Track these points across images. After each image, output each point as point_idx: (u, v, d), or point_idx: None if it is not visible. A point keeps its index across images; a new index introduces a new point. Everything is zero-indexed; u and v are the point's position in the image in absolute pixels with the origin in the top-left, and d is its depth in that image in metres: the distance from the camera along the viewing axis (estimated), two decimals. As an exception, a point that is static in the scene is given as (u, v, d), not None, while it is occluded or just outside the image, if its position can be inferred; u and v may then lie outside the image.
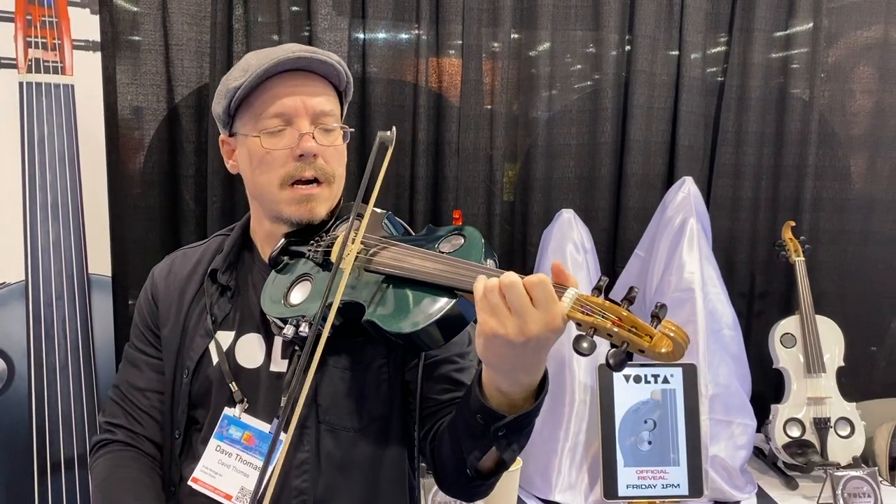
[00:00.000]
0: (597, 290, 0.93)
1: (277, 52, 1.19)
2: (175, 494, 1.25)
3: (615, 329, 0.88)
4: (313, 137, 1.19)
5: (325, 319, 1.07)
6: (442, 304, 1.01)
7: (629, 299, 0.91)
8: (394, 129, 1.15)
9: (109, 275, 1.99)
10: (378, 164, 1.11)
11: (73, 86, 1.89)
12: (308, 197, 1.21)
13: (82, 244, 1.93)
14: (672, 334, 0.87)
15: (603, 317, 0.89)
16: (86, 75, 1.92)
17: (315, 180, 1.21)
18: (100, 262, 1.97)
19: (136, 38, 2.16)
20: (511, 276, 0.92)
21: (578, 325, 0.91)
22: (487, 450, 1.07)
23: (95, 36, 1.93)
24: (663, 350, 0.87)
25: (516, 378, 0.99)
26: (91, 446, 1.31)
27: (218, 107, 1.25)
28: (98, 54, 1.95)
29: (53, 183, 1.88)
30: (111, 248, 2.03)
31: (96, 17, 1.94)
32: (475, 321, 0.97)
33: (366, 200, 1.13)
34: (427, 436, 1.22)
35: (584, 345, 0.88)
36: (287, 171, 1.19)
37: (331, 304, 1.10)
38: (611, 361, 0.88)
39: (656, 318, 0.90)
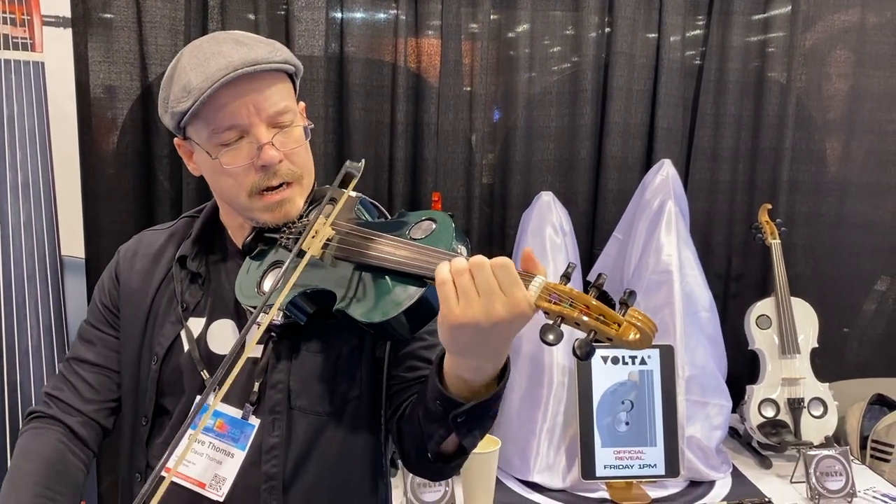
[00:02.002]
0: (564, 277, 0.92)
1: (217, 67, 1.09)
2: (141, 482, 1.22)
3: (583, 318, 0.87)
4: (273, 145, 1.12)
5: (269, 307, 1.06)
6: (411, 293, 0.99)
7: (597, 287, 0.90)
8: (363, 161, 1.15)
9: (83, 256, 1.96)
10: (341, 189, 1.12)
11: (43, 63, 1.85)
12: (281, 202, 1.16)
13: (54, 225, 1.90)
14: (639, 323, 0.86)
15: (571, 305, 0.88)
16: (56, 52, 1.88)
17: (284, 183, 1.16)
18: (73, 243, 1.94)
19: (109, 14, 2.11)
20: (480, 258, 0.91)
21: (546, 313, 0.90)
22: (448, 435, 1.06)
23: (66, 12, 1.89)
24: (631, 338, 0.86)
25: (479, 365, 0.98)
26: (24, 415, 1.28)
27: (164, 118, 1.18)
28: (69, 31, 1.90)
29: (24, 163, 1.84)
30: (84, 230, 2.00)
31: (67, -8, 1.89)
32: None
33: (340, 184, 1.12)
34: (395, 415, 1.21)
35: (550, 336, 0.87)
36: (253, 183, 1.14)
37: (305, 290, 1.09)
38: (578, 352, 0.86)
39: (624, 304, 0.88)
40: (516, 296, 0.89)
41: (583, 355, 0.86)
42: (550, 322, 0.88)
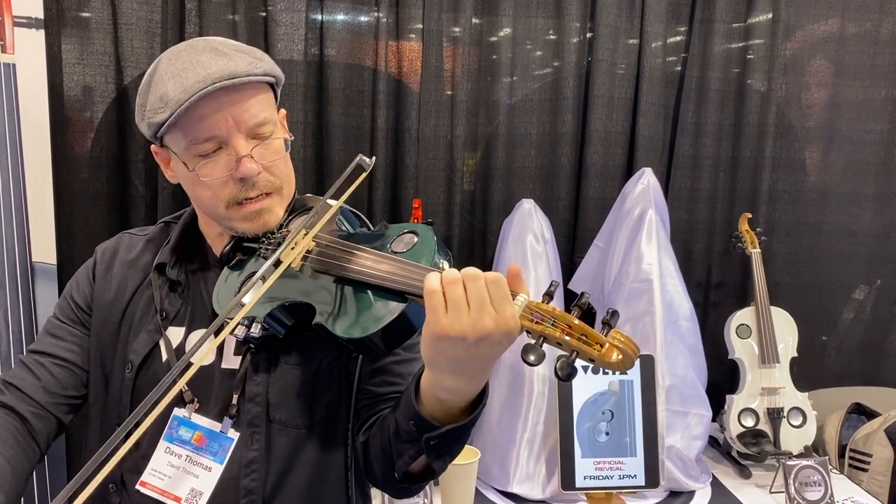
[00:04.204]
0: (547, 296, 0.90)
1: (195, 79, 1.06)
2: (116, 493, 1.20)
3: (565, 338, 0.86)
4: (252, 157, 1.10)
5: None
6: (392, 309, 0.98)
7: (580, 306, 0.89)
8: (374, 158, 1.14)
9: (54, 262, 1.92)
10: (348, 183, 1.09)
11: (14, 65, 1.81)
12: (259, 212, 1.15)
13: (25, 231, 1.86)
14: (621, 345, 0.85)
15: (553, 325, 0.87)
16: (29, 54, 1.84)
17: (262, 193, 1.14)
18: (44, 249, 1.90)
19: (83, 15, 2.07)
20: (473, 270, 0.89)
21: (528, 333, 0.89)
22: (417, 456, 1.04)
23: (38, 13, 1.86)
24: (613, 359, 0.85)
25: (458, 385, 0.96)
26: None
27: (141, 126, 1.16)
28: (41, 32, 1.87)
29: (-6, 166, 1.80)
30: (56, 235, 1.96)
31: (39, -7, 1.86)
32: None
33: (333, 197, 1.10)
34: (361, 429, 1.20)
35: (532, 357, 0.85)
36: (231, 194, 1.12)
37: (283, 303, 1.07)
38: (559, 373, 0.85)
39: (607, 325, 0.88)
40: (505, 312, 0.88)
41: (564, 377, 0.85)
42: (532, 342, 0.87)
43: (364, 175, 1.12)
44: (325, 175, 2.24)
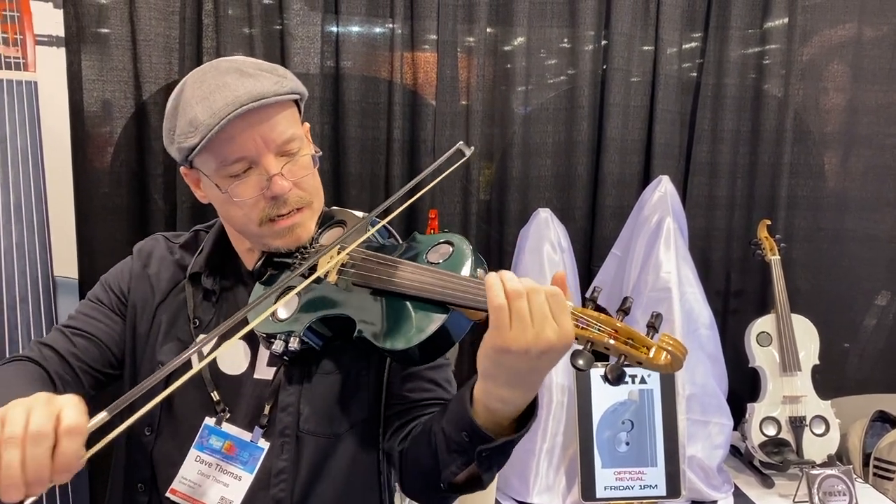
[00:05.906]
0: (591, 301, 0.92)
1: (224, 102, 1.07)
2: (145, 492, 1.20)
3: (611, 342, 0.87)
4: (282, 175, 1.12)
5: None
6: (435, 320, 0.98)
7: (624, 310, 0.90)
8: (472, 147, 1.17)
9: (76, 277, 1.94)
10: (445, 167, 1.14)
11: (36, 82, 1.84)
12: (292, 227, 1.16)
13: (47, 245, 1.88)
14: (670, 348, 0.86)
15: (599, 330, 0.88)
16: (50, 72, 1.87)
17: (294, 209, 1.16)
18: (66, 263, 1.92)
19: (103, 31, 2.10)
20: (533, 282, 0.90)
21: (575, 339, 0.90)
22: (465, 467, 1.04)
23: (59, 31, 1.88)
24: (662, 361, 0.86)
25: (512, 395, 0.96)
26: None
27: (170, 149, 1.17)
28: (62, 50, 1.90)
29: (17, 183, 1.83)
30: (77, 250, 1.98)
31: (60, 12, 1.89)
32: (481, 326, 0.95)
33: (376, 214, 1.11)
34: (395, 435, 1.20)
35: (581, 361, 0.87)
36: (263, 212, 1.14)
37: (323, 316, 1.08)
38: (609, 376, 0.86)
39: (652, 328, 0.89)
40: (566, 325, 0.89)
41: (614, 379, 0.86)
42: (580, 347, 0.88)
43: (462, 161, 1.15)
44: (342, 187, 2.25)
